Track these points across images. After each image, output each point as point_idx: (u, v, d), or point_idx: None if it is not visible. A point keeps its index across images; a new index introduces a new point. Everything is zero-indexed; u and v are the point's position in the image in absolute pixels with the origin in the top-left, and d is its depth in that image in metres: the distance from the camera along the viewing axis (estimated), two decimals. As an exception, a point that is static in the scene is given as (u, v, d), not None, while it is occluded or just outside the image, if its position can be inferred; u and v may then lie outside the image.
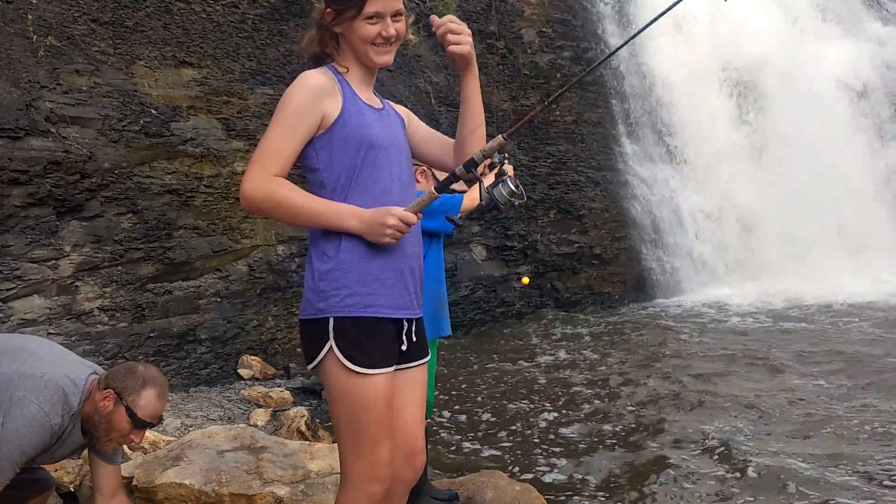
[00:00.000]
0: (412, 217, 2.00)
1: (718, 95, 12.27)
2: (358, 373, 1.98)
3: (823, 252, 10.85)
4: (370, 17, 2.06)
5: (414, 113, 2.53)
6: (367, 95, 2.17)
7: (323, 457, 3.85)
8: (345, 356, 1.97)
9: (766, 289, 10.19)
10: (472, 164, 1.97)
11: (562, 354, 7.47)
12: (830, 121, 12.05)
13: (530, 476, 4.26)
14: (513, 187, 1.97)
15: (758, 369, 6.53)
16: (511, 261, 9.65)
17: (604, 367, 6.87)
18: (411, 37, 9.13)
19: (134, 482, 3.51)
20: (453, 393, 6.39)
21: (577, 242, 10.30)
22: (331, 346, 1.97)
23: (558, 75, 10.40)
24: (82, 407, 2.69)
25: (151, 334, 6.40)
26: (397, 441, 2.14)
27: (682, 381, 6.16)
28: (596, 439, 4.92)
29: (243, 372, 6.83)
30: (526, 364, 7.16)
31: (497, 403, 5.94)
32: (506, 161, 2.03)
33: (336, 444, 4.13)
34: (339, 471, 3.76)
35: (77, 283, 5.97)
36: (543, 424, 5.29)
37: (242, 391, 6.27)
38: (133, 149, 6.51)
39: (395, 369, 2.09)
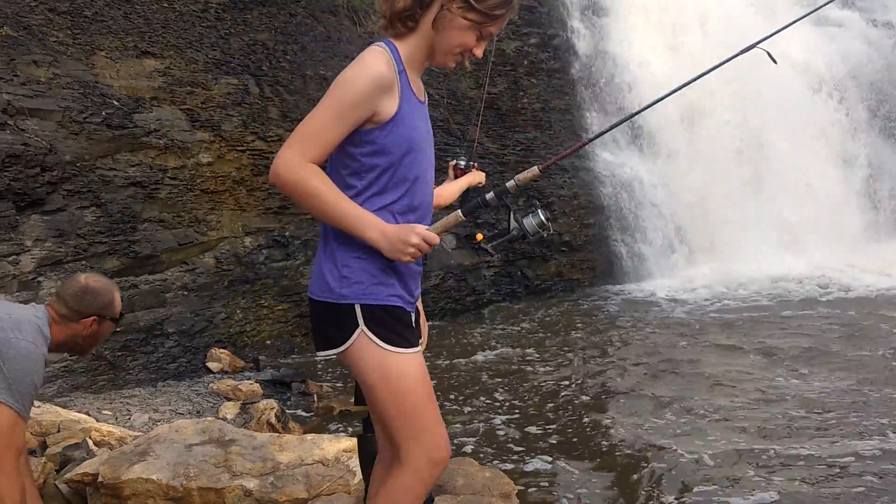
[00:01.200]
0: (436, 238, 1.99)
1: (684, 79, 12.32)
2: (397, 353, 1.98)
3: (781, 240, 11.02)
4: (483, 36, 2.06)
5: None
6: (418, 85, 2.12)
7: (292, 448, 3.83)
8: (379, 338, 1.97)
9: (726, 273, 10.30)
10: (503, 192, 2.03)
11: (530, 344, 7.50)
12: (792, 110, 12.21)
13: (500, 464, 4.28)
14: (543, 219, 2.02)
15: (720, 353, 6.61)
16: (481, 249, 9.64)
17: (569, 355, 6.91)
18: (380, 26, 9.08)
19: (100, 479, 3.47)
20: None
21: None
22: (362, 331, 1.96)
23: (525, 62, 10.40)
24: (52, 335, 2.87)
25: (117, 329, 6.30)
26: None
27: (648, 366, 6.22)
28: (561, 428, 4.95)
29: (212, 365, 6.78)
30: (492, 354, 7.18)
31: (465, 392, 5.96)
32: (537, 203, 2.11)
33: (307, 436, 4.13)
34: (307, 462, 3.76)
35: (39, 279, 5.88)
36: (511, 414, 5.31)
37: (211, 385, 6.22)
38: (95, 141, 6.40)
39: None
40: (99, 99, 6.48)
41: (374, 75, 1.93)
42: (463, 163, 3.42)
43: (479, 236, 2.10)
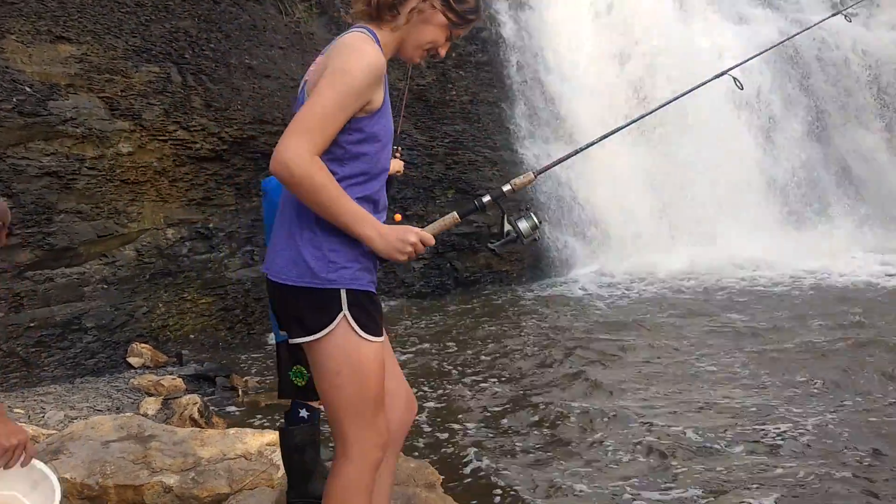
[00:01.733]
0: (432, 239, 2.01)
1: (614, 77, 12.55)
2: (370, 341, 1.98)
3: (699, 230, 11.34)
4: (451, 38, 2.11)
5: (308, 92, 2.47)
6: None
7: (214, 443, 3.76)
8: (359, 324, 1.96)
9: (648, 263, 10.55)
10: (500, 196, 2.05)
11: (458, 336, 7.54)
12: (714, 107, 12.57)
13: (425, 456, 4.30)
14: (536, 221, 2.06)
15: (641, 341, 6.78)
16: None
17: (494, 347, 6.98)
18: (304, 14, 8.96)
19: (10, 479, 3.33)
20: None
21: (475, 222, 10.38)
22: (344, 316, 1.95)
23: (453, 54, 10.42)
24: None
25: (31, 324, 6.10)
26: (400, 390, 2.25)
27: (571, 355, 6.33)
28: (484, 420, 5.00)
29: (133, 360, 6.60)
30: (417, 346, 7.19)
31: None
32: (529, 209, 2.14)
33: (230, 430, 4.06)
34: (230, 457, 3.71)
35: (-54, 272, 5.62)
36: (438, 405, 5.33)
37: (132, 380, 6.06)
38: (6, 129, 6.15)
39: None
40: (10, 85, 6.23)
41: (373, 64, 1.93)
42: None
43: (398, 217, 2.11)
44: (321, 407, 3.33)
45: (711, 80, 2.77)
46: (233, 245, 7.89)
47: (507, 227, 2.03)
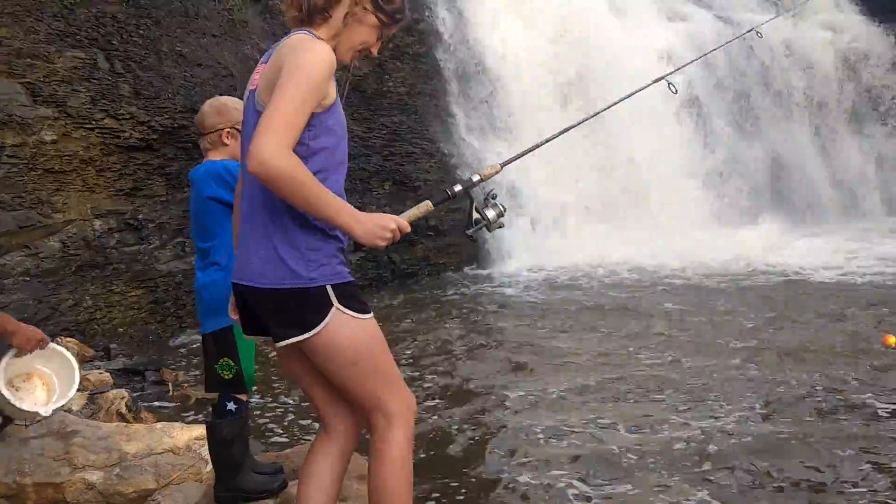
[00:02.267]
0: (408, 227, 2.07)
1: (550, 70, 12.67)
2: (368, 318, 2.07)
3: (635, 224, 11.56)
4: (382, 37, 2.17)
5: (242, 82, 2.47)
6: None
7: (141, 438, 3.67)
8: (352, 309, 2.03)
9: (584, 256, 10.70)
10: (469, 184, 2.14)
11: (392, 329, 7.52)
12: (650, 104, 12.82)
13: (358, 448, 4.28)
14: (502, 209, 2.15)
15: (573, 333, 6.88)
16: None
17: (428, 338, 6.98)
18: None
19: (-80, 481, 3.20)
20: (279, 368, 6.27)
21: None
22: (336, 309, 2.01)
23: (390, 45, 10.36)
24: None
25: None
26: None
27: (502, 347, 6.38)
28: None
29: (58, 355, 6.39)
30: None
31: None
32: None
33: (156, 425, 3.97)
34: (157, 451, 3.62)
35: None
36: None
37: (56, 375, 5.85)
38: (-81, 114, 5.88)
39: None
40: (-77, 68, 5.96)
41: (328, 59, 1.98)
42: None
43: None
44: (249, 400, 3.28)
45: (649, 85, 2.91)
46: (163, 237, 7.71)
47: (475, 215, 2.11)
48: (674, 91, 2.99)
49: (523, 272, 10.28)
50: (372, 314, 2.09)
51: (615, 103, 2.83)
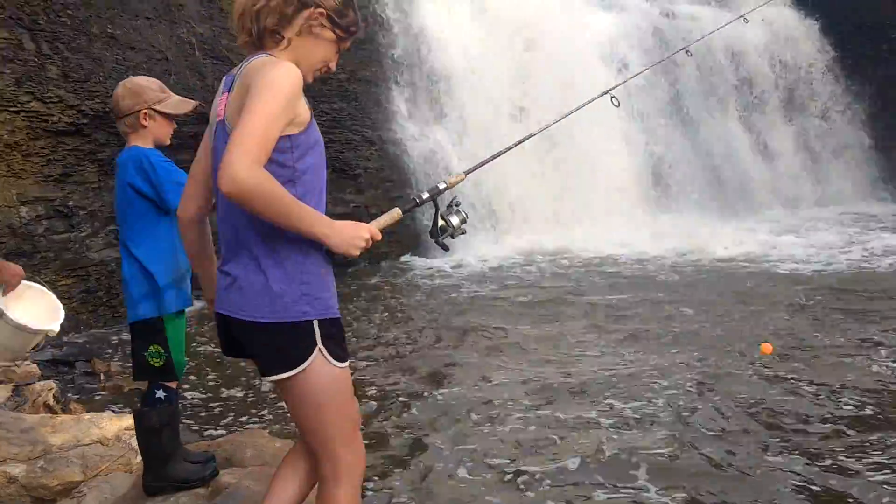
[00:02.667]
0: (379, 234, 2.06)
1: (492, 57, 12.69)
2: (341, 368, 2.03)
3: (576, 212, 11.71)
4: (340, 50, 2.13)
5: (177, 66, 2.40)
6: None
7: (67, 429, 3.58)
8: (332, 355, 2.00)
9: (525, 245, 10.81)
10: (436, 192, 2.17)
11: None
12: (584, 86, 12.95)
13: (293, 435, 4.24)
14: (465, 216, 2.19)
15: (510, 319, 6.93)
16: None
17: (365, 326, 6.97)
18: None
19: None
20: (213, 359, 6.19)
21: (353, 202, 10.31)
22: (319, 349, 1.97)
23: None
24: None
25: None
26: None
27: (439, 333, 6.40)
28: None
29: (-18, 346, 6.17)
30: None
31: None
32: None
33: (84, 415, 3.87)
34: (84, 442, 3.53)
35: None
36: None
37: (-20, 367, 5.66)
38: None
39: None
40: None
41: (297, 75, 1.94)
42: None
43: None
44: (179, 389, 3.22)
45: (595, 99, 3.02)
46: (95, 224, 7.50)
47: (440, 222, 2.15)
48: (616, 104, 3.09)
49: (467, 260, 10.31)
50: (348, 363, 2.06)
51: (566, 116, 2.93)
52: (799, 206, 15.54)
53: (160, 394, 2.99)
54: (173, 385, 3.03)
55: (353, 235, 1.96)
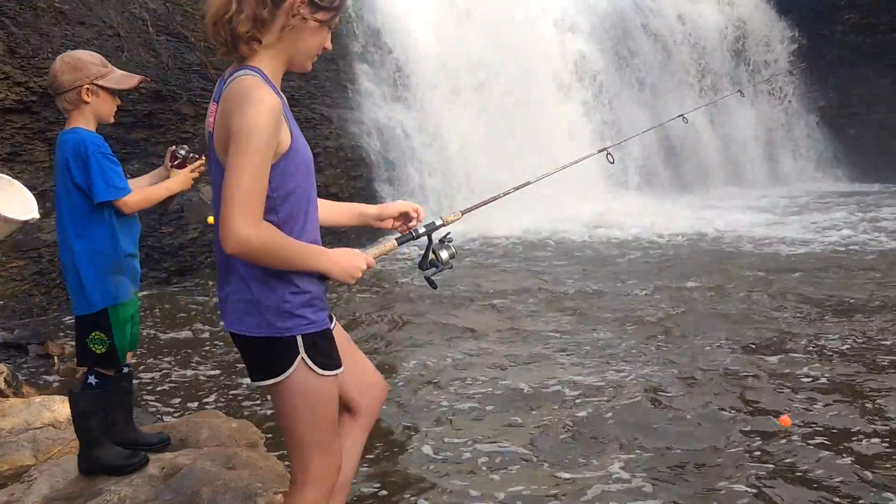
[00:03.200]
0: (375, 263, 2.15)
1: (452, 37, 12.63)
2: (326, 376, 2.08)
3: (531, 190, 11.74)
4: (331, 28, 2.08)
5: (129, 43, 2.34)
6: (284, 99, 2.07)
7: (17, 413, 3.53)
8: (316, 364, 2.06)
9: (484, 223, 10.81)
10: (432, 228, 2.29)
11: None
12: (550, 79, 13.01)
13: (248, 416, 4.23)
14: (454, 251, 2.29)
15: (466, 301, 6.96)
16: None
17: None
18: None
19: None
20: (168, 341, 6.13)
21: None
22: (302, 359, 2.04)
23: (288, 9, 10.08)
24: None
25: None
26: (367, 373, 2.41)
27: (391, 316, 6.41)
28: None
29: (-70, 330, 6.04)
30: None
31: (216, 345, 5.80)
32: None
33: (35, 398, 3.81)
34: (35, 426, 3.48)
35: None
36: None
37: (-72, 352, 5.54)
38: None
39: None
40: None
41: (271, 108, 1.91)
42: (182, 152, 3.19)
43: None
44: (131, 373, 3.19)
45: (590, 156, 3.13)
46: (47, 205, 7.27)
47: (431, 256, 2.27)
48: (611, 161, 3.18)
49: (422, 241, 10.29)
50: (336, 372, 2.11)
51: (560, 169, 3.02)
52: (753, 185, 15.79)
53: (91, 380, 2.99)
54: (110, 373, 3.00)
55: (352, 266, 2.07)
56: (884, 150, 15.94)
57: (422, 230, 2.32)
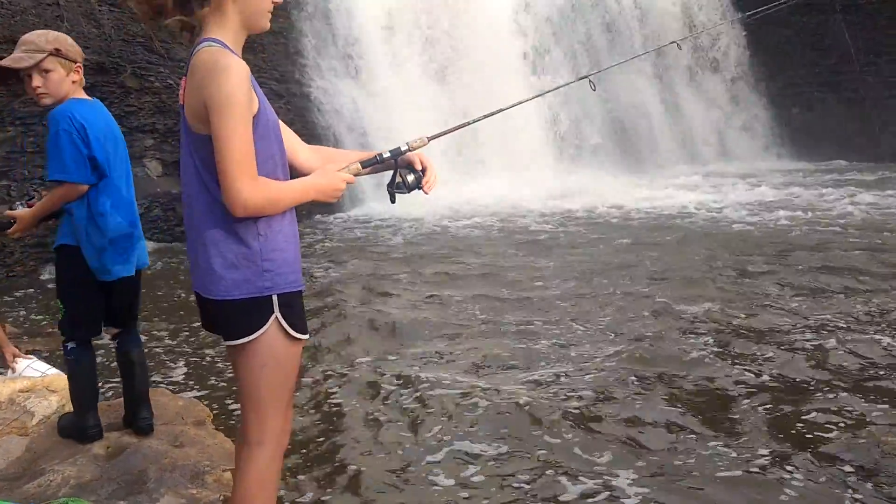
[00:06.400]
0: (353, 179, 2.22)
1: (410, 11, 12.55)
2: (297, 339, 2.13)
3: (489, 167, 11.83)
4: None
5: (70, 13, 2.30)
6: None
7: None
8: (290, 325, 2.10)
9: (437, 200, 10.86)
10: (397, 152, 2.31)
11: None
12: (501, 43, 12.99)
13: (195, 392, 4.20)
14: (419, 175, 2.35)
15: (426, 271, 6.99)
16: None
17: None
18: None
19: None
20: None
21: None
22: (276, 318, 2.08)
23: None
24: None
25: None
26: None
27: (356, 287, 6.41)
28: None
29: None
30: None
31: (170, 320, 5.74)
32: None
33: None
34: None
35: None
36: (212, 347, 5.15)
37: None
38: None
39: None
40: None
41: (241, 73, 1.96)
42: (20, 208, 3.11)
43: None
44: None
45: (572, 83, 3.19)
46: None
47: (398, 178, 2.33)
48: (593, 89, 3.20)
49: (375, 215, 10.29)
50: (306, 336, 2.16)
51: (534, 97, 3.03)
52: (704, 163, 16.08)
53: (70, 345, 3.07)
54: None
55: (333, 189, 2.15)
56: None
57: (387, 155, 2.35)
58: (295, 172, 2.25)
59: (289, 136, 2.28)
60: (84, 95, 3.03)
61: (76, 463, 2.85)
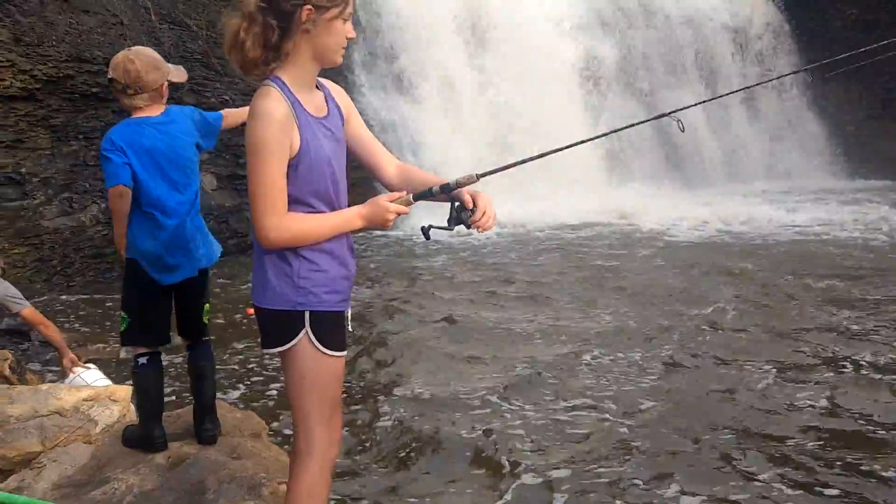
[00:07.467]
0: (404, 209, 2.21)
1: (450, 30, 12.64)
2: (329, 355, 2.19)
3: (538, 183, 11.80)
4: (346, 18, 2.10)
5: (132, 31, 2.41)
6: (314, 102, 2.16)
7: (25, 400, 3.57)
8: (319, 342, 2.17)
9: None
10: (447, 188, 2.27)
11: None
12: (546, 61, 13.00)
13: (253, 405, 4.30)
14: (467, 213, 2.32)
15: (457, 289, 7.03)
16: (243, 190, 9.39)
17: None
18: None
19: None
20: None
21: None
22: (306, 333, 2.16)
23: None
24: None
25: None
26: None
27: (388, 301, 6.46)
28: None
29: (-65, 316, 6.08)
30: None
31: (226, 337, 5.86)
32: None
33: (42, 386, 3.87)
34: (42, 413, 3.54)
35: None
36: (256, 356, 5.26)
37: (-67, 338, 5.60)
38: None
39: None
40: None
41: (279, 118, 2.03)
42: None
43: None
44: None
45: (653, 119, 3.07)
46: (49, 192, 7.39)
47: (453, 213, 2.31)
48: (681, 129, 3.14)
49: (407, 229, 10.31)
50: (342, 353, 2.24)
51: (610, 133, 2.98)
52: (751, 181, 15.85)
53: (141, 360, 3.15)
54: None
55: (382, 220, 2.19)
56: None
57: (436, 189, 2.33)
58: (380, 188, 2.32)
59: (376, 152, 2.36)
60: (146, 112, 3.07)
61: (139, 472, 2.95)
